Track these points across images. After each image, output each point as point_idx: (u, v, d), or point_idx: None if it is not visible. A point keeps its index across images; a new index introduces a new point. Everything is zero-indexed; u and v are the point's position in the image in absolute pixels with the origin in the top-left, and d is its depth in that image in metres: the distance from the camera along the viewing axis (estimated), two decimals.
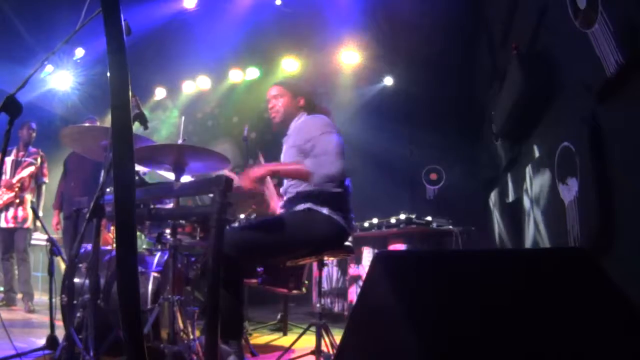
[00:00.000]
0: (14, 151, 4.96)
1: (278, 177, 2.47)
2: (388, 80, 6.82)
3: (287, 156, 2.56)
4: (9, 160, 4.92)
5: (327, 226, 2.37)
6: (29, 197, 5.00)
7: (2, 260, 4.92)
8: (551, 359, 1.01)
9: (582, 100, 2.69)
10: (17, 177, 4.86)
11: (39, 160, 5.03)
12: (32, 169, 4.93)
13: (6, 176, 4.87)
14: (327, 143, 2.39)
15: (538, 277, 1.20)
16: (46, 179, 5.14)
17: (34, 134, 5.04)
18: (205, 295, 1.79)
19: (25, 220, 4.88)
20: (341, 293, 4.76)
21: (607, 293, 1.17)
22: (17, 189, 4.85)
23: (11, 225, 4.85)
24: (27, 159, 4.98)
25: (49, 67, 6.62)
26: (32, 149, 5.06)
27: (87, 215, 1.96)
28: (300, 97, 2.65)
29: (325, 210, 2.37)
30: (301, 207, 2.42)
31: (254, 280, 2.78)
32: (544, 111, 3.42)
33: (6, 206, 4.85)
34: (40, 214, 5.03)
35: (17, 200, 4.86)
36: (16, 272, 4.90)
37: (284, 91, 2.66)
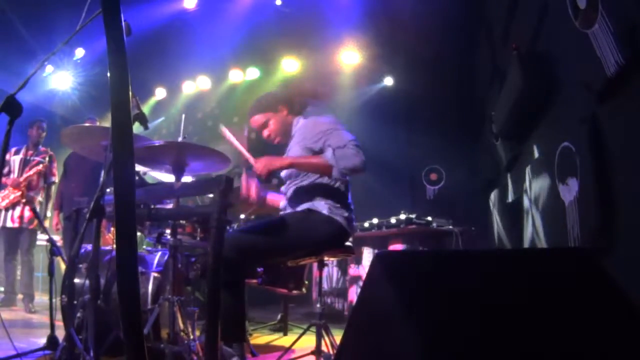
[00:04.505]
0: (23, 150, 4.92)
1: (296, 168, 2.43)
2: (388, 80, 6.82)
3: (292, 153, 2.54)
4: (17, 159, 4.88)
5: (328, 227, 2.36)
6: (37, 197, 4.95)
7: (5, 261, 4.87)
8: (552, 359, 1.01)
9: (582, 100, 2.69)
10: (24, 176, 4.81)
11: (47, 159, 4.97)
12: (39, 167, 4.87)
13: (14, 175, 4.84)
14: (341, 137, 2.37)
15: (539, 277, 1.20)
16: (55, 179, 5.09)
17: (43, 134, 5.01)
18: (206, 295, 1.79)
19: (31, 220, 4.83)
20: (341, 293, 4.76)
21: (609, 294, 1.16)
22: (24, 188, 4.80)
23: (17, 225, 4.80)
24: (35, 157, 4.93)
25: (49, 68, 6.63)
26: (41, 148, 5.02)
27: (87, 216, 1.95)
28: (280, 107, 2.60)
29: (325, 211, 2.36)
30: (301, 208, 2.42)
31: (254, 281, 2.77)
32: (544, 111, 3.42)
33: (13, 205, 4.79)
34: (49, 214, 5.04)
35: (24, 200, 4.78)
36: (19, 273, 4.88)
37: (265, 114, 2.60)
